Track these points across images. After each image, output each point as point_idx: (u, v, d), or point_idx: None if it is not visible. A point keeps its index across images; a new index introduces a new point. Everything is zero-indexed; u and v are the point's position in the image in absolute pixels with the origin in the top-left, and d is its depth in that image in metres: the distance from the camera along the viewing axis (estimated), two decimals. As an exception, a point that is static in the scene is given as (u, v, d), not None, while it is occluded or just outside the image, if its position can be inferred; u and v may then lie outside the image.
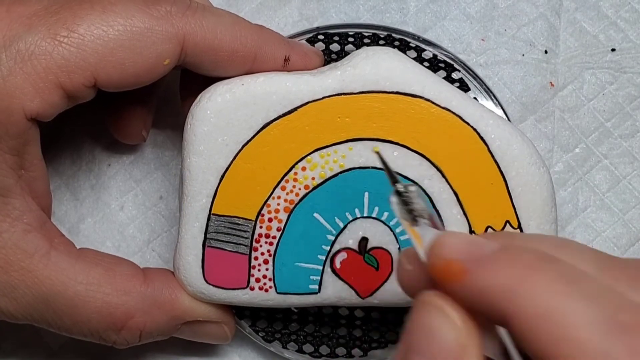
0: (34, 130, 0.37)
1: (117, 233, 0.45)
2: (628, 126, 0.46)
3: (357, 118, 0.38)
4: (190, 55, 0.38)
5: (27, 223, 0.37)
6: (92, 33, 0.36)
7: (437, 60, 0.44)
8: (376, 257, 0.39)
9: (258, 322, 0.42)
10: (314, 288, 0.39)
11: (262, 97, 0.38)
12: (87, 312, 0.37)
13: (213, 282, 0.39)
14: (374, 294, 0.39)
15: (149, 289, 0.39)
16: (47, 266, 0.37)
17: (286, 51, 0.39)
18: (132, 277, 0.39)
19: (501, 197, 0.38)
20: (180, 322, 0.40)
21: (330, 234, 0.39)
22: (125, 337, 0.39)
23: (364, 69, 0.38)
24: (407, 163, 0.38)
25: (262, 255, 0.39)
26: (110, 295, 0.38)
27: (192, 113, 0.39)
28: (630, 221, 0.45)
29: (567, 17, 0.47)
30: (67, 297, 0.37)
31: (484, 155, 0.38)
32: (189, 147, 0.38)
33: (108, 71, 0.36)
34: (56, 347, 0.44)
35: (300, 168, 0.39)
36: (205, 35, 0.37)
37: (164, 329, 0.39)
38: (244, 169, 0.38)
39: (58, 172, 0.46)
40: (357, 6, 0.47)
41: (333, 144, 0.38)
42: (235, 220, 0.39)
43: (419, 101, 0.38)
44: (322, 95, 0.38)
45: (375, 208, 0.39)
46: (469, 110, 0.38)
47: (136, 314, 0.38)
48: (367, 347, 0.41)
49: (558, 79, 0.46)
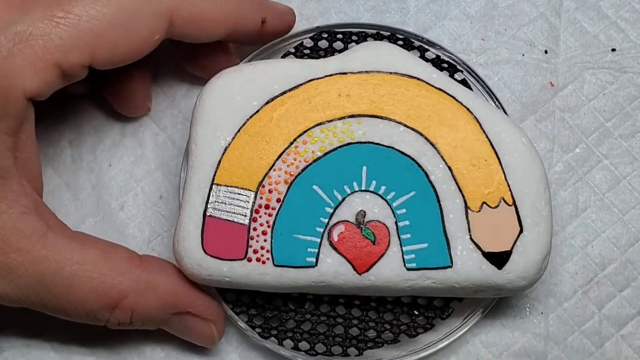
0: (31, 110, 0.38)
1: (118, 232, 0.45)
2: (628, 126, 0.46)
3: (357, 95, 0.40)
4: (177, 28, 0.40)
5: (24, 205, 0.37)
6: (88, 13, 0.37)
7: (440, 60, 0.44)
8: (373, 230, 0.39)
9: (254, 318, 0.42)
10: (311, 261, 0.39)
11: (268, 75, 0.41)
12: (83, 291, 0.38)
13: (211, 252, 0.39)
14: (371, 270, 0.39)
15: (144, 273, 0.39)
16: (44, 247, 0.37)
17: (262, 12, 0.42)
18: (128, 259, 0.40)
19: (495, 174, 0.40)
20: (172, 310, 0.40)
21: (329, 206, 0.40)
22: (117, 316, 0.39)
23: (365, 52, 0.41)
24: (403, 139, 0.40)
25: (260, 227, 0.40)
26: (106, 275, 0.38)
27: (202, 91, 0.41)
28: (630, 221, 0.45)
29: (568, 16, 0.47)
30: (64, 276, 0.38)
31: (477, 133, 0.40)
32: (196, 120, 0.41)
33: (103, 50, 0.38)
34: (56, 347, 0.44)
35: (302, 142, 0.40)
36: (190, 8, 0.40)
37: (154, 315, 0.40)
38: (248, 142, 0.40)
39: (59, 171, 0.46)
40: (357, 6, 0.47)
41: (333, 119, 0.40)
42: (237, 191, 0.40)
43: (415, 81, 0.41)
44: (324, 74, 0.41)
45: (372, 182, 0.40)
46: (463, 94, 0.41)
47: (130, 294, 0.39)
48: (363, 346, 0.41)
49: (558, 79, 0.46)
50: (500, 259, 0.39)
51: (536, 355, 0.44)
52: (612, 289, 0.44)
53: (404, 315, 0.42)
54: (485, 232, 0.39)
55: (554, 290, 0.44)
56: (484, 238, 0.39)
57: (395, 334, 0.41)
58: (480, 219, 0.39)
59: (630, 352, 0.44)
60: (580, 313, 0.44)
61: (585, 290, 0.44)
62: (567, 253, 0.45)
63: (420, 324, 0.42)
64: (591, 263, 0.44)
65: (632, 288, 0.44)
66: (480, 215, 0.39)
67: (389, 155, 0.40)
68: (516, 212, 0.39)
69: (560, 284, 0.44)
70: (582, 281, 0.44)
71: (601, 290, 0.44)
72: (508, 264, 0.39)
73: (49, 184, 0.45)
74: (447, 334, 0.42)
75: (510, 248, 0.39)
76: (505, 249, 0.39)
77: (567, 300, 0.44)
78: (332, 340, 0.42)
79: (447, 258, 0.39)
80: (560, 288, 0.44)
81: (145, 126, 0.46)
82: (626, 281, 0.44)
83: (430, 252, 0.39)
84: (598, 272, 0.44)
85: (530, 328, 0.44)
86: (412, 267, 0.39)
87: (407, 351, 0.42)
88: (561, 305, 0.44)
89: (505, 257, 0.39)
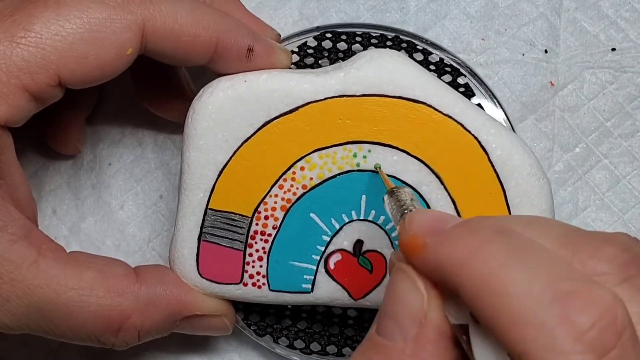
0: (6, 137, 0.36)
1: (118, 232, 0.45)
2: (628, 126, 0.46)
3: (358, 121, 0.38)
4: (152, 42, 0.37)
5: (11, 233, 0.36)
6: (49, 30, 0.35)
7: (443, 64, 0.43)
8: (370, 259, 0.39)
9: (251, 316, 0.42)
10: (307, 287, 0.39)
11: (264, 95, 0.38)
12: (82, 317, 0.37)
13: (207, 276, 0.39)
14: (367, 296, 0.39)
15: (143, 288, 0.38)
16: (36, 275, 0.36)
17: (250, 41, 0.39)
18: (125, 277, 0.38)
19: (499, 208, 0.38)
20: (178, 318, 0.39)
21: (326, 234, 0.39)
22: (123, 339, 0.38)
23: (367, 71, 0.38)
24: (406, 168, 0.38)
25: (256, 252, 0.39)
26: (103, 298, 0.37)
27: (193, 107, 0.39)
28: (630, 221, 0.45)
29: (568, 16, 0.47)
30: (60, 303, 0.36)
31: (483, 164, 0.38)
32: (188, 141, 0.39)
33: (71, 67, 0.35)
34: (55, 346, 0.45)
35: (299, 168, 0.39)
36: (165, 19, 0.37)
37: (161, 327, 0.39)
38: (243, 166, 0.39)
39: (59, 171, 0.46)
40: (357, 5, 0.47)
41: (333, 145, 0.39)
42: (232, 216, 0.39)
43: (421, 107, 0.38)
44: (324, 96, 0.38)
45: (371, 211, 0.39)
46: (471, 118, 0.38)
47: (132, 314, 0.37)
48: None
49: (558, 79, 0.46)
50: None
51: (536, 354, 0.44)
52: (611, 289, 0.44)
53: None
54: None
55: (554, 290, 0.44)
56: None
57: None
58: None
59: (629, 352, 0.44)
60: (580, 313, 0.44)
61: (585, 290, 0.44)
62: (567, 253, 0.45)
63: (416, 325, 0.42)
64: (591, 263, 0.44)
65: (631, 288, 0.44)
66: None
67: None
68: None
69: (560, 283, 0.44)
70: (581, 281, 0.44)
71: (601, 290, 0.44)
72: None
73: (49, 183, 0.45)
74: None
75: None
76: None
77: (566, 299, 0.44)
78: (328, 340, 0.42)
79: None
80: (560, 287, 0.44)
81: (145, 126, 0.46)
82: (626, 281, 0.44)
83: None
84: (598, 272, 0.44)
85: (530, 327, 0.44)
86: None
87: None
88: (561, 304, 0.44)
89: None
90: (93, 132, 0.46)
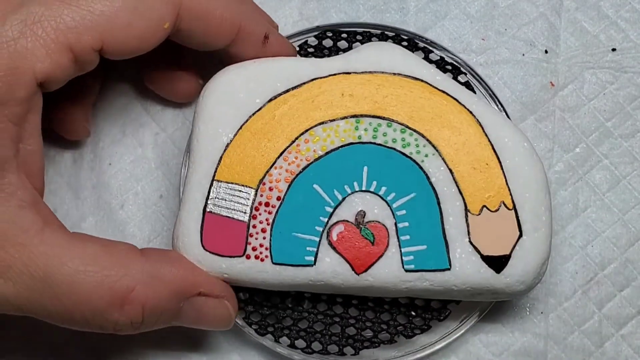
0: (39, 97, 0.37)
1: (118, 232, 0.46)
2: (628, 126, 0.46)
3: (360, 95, 0.40)
4: (185, 21, 0.39)
5: (21, 199, 0.36)
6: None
7: (444, 62, 0.44)
8: (372, 230, 0.39)
9: (252, 315, 0.42)
10: (310, 260, 0.39)
11: (272, 72, 0.41)
12: (87, 288, 0.36)
13: (210, 249, 0.39)
14: (369, 270, 0.39)
15: (148, 263, 0.38)
16: (42, 241, 0.36)
17: (267, 29, 0.42)
18: (130, 251, 0.38)
19: (496, 178, 0.40)
20: (182, 296, 0.39)
21: (329, 205, 0.40)
22: (128, 314, 0.37)
23: (368, 53, 0.41)
24: (405, 140, 0.40)
25: (260, 224, 0.40)
26: (108, 268, 0.37)
27: (205, 87, 0.41)
28: (630, 221, 0.45)
29: (568, 16, 0.47)
30: (65, 273, 0.36)
31: (479, 136, 0.40)
32: (198, 116, 0.41)
33: (114, 33, 0.37)
34: (57, 345, 0.45)
35: (304, 140, 0.40)
36: (200, 0, 0.39)
37: (166, 306, 0.38)
38: (249, 139, 0.40)
39: (59, 171, 0.46)
40: (357, 6, 0.47)
41: (336, 118, 0.40)
42: (237, 187, 0.40)
43: (418, 82, 0.41)
44: (328, 73, 0.41)
45: (373, 182, 0.40)
46: (466, 95, 0.41)
47: (137, 286, 0.37)
48: (360, 345, 0.42)
49: (558, 79, 0.46)
50: (498, 262, 0.39)
51: (536, 354, 0.44)
52: (612, 289, 0.44)
53: (401, 316, 0.42)
54: (484, 236, 0.39)
55: (554, 290, 0.44)
56: (483, 241, 0.39)
57: (392, 334, 0.42)
58: (480, 222, 0.39)
59: (630, 352, 0.44)
60: (580, 313, 0.44)
61: (585, 290, 0.44)
62: (567, 253, 0.45)
63: (417, 325, 0.42)
64: (591, 263, 0.45)
65: (632, 288, 0.44)
66: (480, 218, 0.39)
67: (390, 156, 0.40)
68: (516, 217, 0.39)
69: (560, 283, 0.44)
70: (582, 281, 0.44)
71: (601, 290, 0.44)
72: (506, 268, 0.39)
73: (50, 184, 0.45)
74: (444, 335, 0.43)
75: (509, 252, 0.39)
76: (504, 253, 0.39)
77: (567, 299, 0.44)
78: (329, 339, 0.42)
79: (445, 260, 0.39)
80: (560, 288, 0.44)
81: (146, 125, 0.46)
82: (626, 281, 0.44)
83: (429, 254, 0.39)
84: (598, 272, 0.44)
85: (530, 328, 0.44)
86: (411, 268, 0.39)
87: (404, 352, 0.43)
88: (561, 304, 0.44)
89: (504, 261, 0.39)
90: (93, 131, 0.46)
